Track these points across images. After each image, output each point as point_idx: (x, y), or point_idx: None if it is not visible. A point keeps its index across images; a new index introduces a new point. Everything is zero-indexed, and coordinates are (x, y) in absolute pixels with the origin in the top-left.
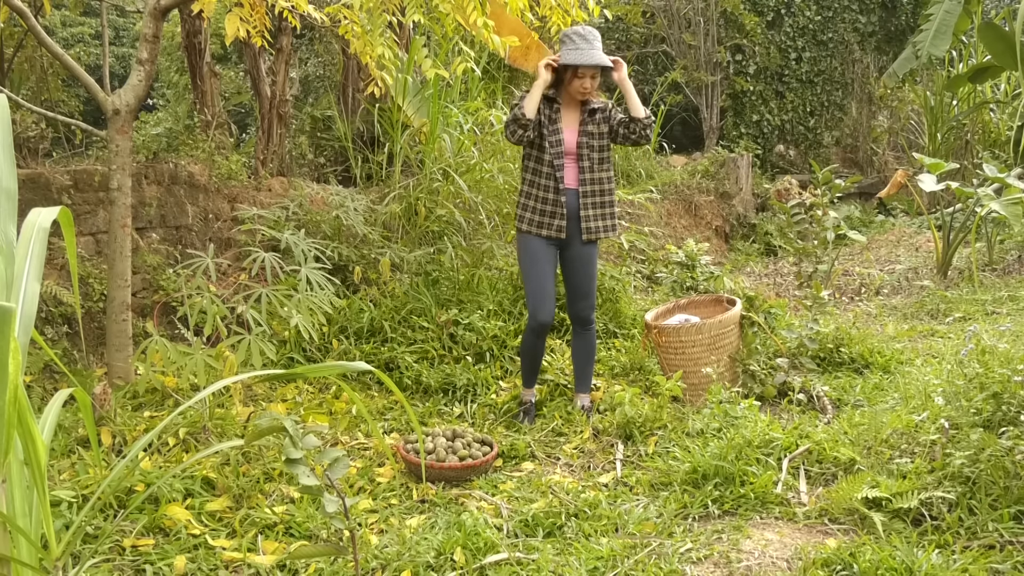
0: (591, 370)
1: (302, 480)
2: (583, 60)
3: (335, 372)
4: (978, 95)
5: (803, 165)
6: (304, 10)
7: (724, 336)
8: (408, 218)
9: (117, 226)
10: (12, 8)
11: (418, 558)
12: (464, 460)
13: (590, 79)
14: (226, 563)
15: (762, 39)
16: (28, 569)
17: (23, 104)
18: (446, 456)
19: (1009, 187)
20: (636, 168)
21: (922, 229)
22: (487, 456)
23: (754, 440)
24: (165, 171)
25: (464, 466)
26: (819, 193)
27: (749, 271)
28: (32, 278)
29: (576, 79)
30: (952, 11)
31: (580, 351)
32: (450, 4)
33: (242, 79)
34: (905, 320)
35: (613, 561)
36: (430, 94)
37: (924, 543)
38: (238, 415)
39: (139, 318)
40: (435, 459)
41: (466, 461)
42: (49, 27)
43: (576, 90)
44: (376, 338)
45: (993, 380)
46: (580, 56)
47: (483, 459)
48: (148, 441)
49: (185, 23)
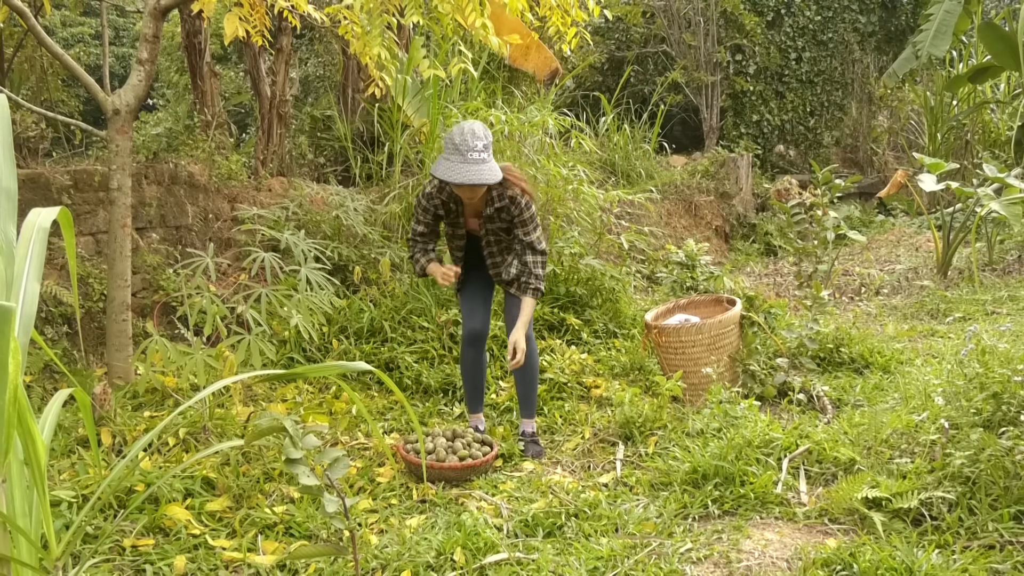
0: (534, 394)
1: (302, 480)
2: (452, 178)
3: (335, 372)
4: (978, 95)
5: (803, 165)
6: (304, 10)
7: (724, 336)
8: (408, 218)
9: (117, 226)
10: (12, 8)
11: (418, 558)
12: (464, 460)
13: (469, 189)
14: (226, 563)
15: (762, 39)
16: (28, 569)
17: (23, 104)
18: (446, 456)
19: (1009, 187)
20: (636, 168)
21: (922, 229)
22: (487, 456)
23: (754, 440)
24: (165, 171)
25: (464, 466)
26: (819, 193)
27: (749, 271)
28: (32, 278)
29: (456, 188)
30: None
31: (518, 372)
32: (449, 5)
33: (242, 79)
34: (905, 320)
35: (613, 561)
36: (430, 94)
37: (924, 543)
38: (238, 415)
39: (139, 318)
40: (435, 459)
41: (466, 461)
42: (49, 27)
43: (461, 195)
44: (376, 338)
45: (993, 380)
46: (451, 172)
47: (483, 459)
48: (148, 441)
49: (185, 23)
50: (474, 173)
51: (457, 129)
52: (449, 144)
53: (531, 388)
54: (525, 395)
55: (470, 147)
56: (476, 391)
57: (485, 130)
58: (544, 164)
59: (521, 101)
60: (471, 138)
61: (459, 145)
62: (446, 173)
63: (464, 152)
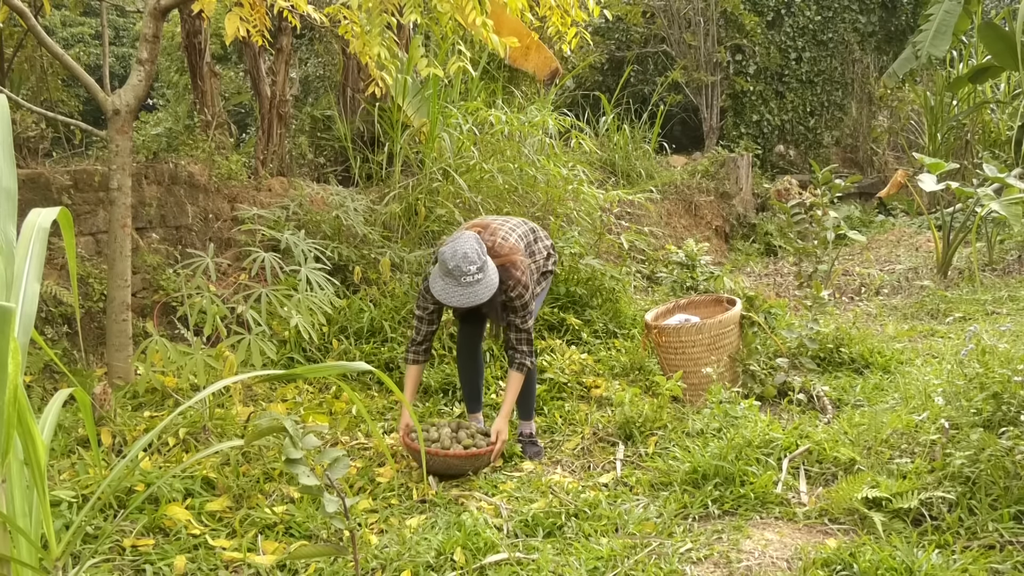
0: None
1: (302, 480)
2: (449, 301)
3: (335, 372)
4: (978, 95)
5: (803, 165)
6: (304, 10)
7: (724, 336)
8: (408, 218)
9: (117, 226)
10: (12, 8)
11: (418, 558)
12: (468, 449)
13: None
14: (226, 563)
15: (762, 39)
16: (28, 569)
17: (23, 104)
18: (451, 445)
19: (1009, 187)
20: (636, 168)
21: (922, 229)
22: (491, 446)
23: (754, 440)
24: (165, 171)
25: (468, 454)
26: (819, 193)
27: (749, 271)
28: (32, 278)
29: None
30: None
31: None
32: (449, 4)
33: (242, 79)
34: (905, 320)
35: (613, 561)
36: (430, 94)
37: (924, 543)
38: (238, 415)
39: (139, 318)
40: (440, 447)
41: (471, 450)
42: (49, 27)
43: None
44: (376, 338)
45: (993, 380)
46: (447, 295)
47: (487, 448)
48: (148, 441)
49: (185, 23)
50: (470, 295)
51: (450, 252)
52: (443, 267)
53: (528, 396)
54: (522, 401)
55: (463, 272)
56: (474, 392)
57: (478, 248)
58: (544, 164)
59: (521, 101)
60: (464, 263)
61: (452, 271)
62: (442, 295)
63: (458, 277)
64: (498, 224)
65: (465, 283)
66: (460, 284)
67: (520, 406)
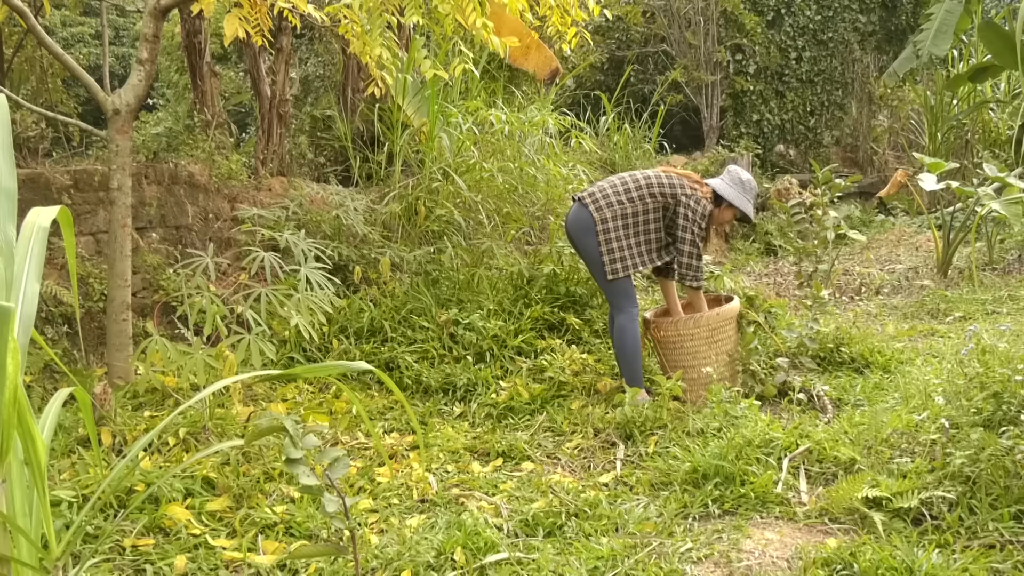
0: (625, 364)
1: (302, 480)
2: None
3: (335, 372)
4: (978, 95)
5: (803, 165)
6: (304, 10)
7: (722, 330)
8: (408, 218)
9: (117, 226)
10: (12, 8)
11: (418, 558)
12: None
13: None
14: (226, 563)
15: (762, 39)
16: (28, 569)
17: (23, 104)
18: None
19: (1009, 186)
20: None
21: (922, 229)
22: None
23: (754, 440)
24: (165, 171)
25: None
26: (819, 193)
27: (749, 271)
28: (32, 278)
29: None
30: (954, 11)
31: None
32: (449, 4)
33: (242, 79)
34: (905, 320)
35: (613, 561)
36: (429, 94)
37: (924, 543)
38: (238, 415)
39: (139, 318)
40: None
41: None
42: (49, 27)
43: (719, 221)
44: (376, 338)
45: (993, 380)
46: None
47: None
48: (148, 441)
49: (185, 23)
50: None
51: (745, 172)
52: (738, 184)
53: (622, 363)
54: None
55: (756, 192)
56: (641, 366)
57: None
58: (544, 164)
59: (521, 101)
60: (750, 183)
61: (750, 190)
62: (748, 208)
63: (753, 194)
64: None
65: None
66: (751, 202)
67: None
